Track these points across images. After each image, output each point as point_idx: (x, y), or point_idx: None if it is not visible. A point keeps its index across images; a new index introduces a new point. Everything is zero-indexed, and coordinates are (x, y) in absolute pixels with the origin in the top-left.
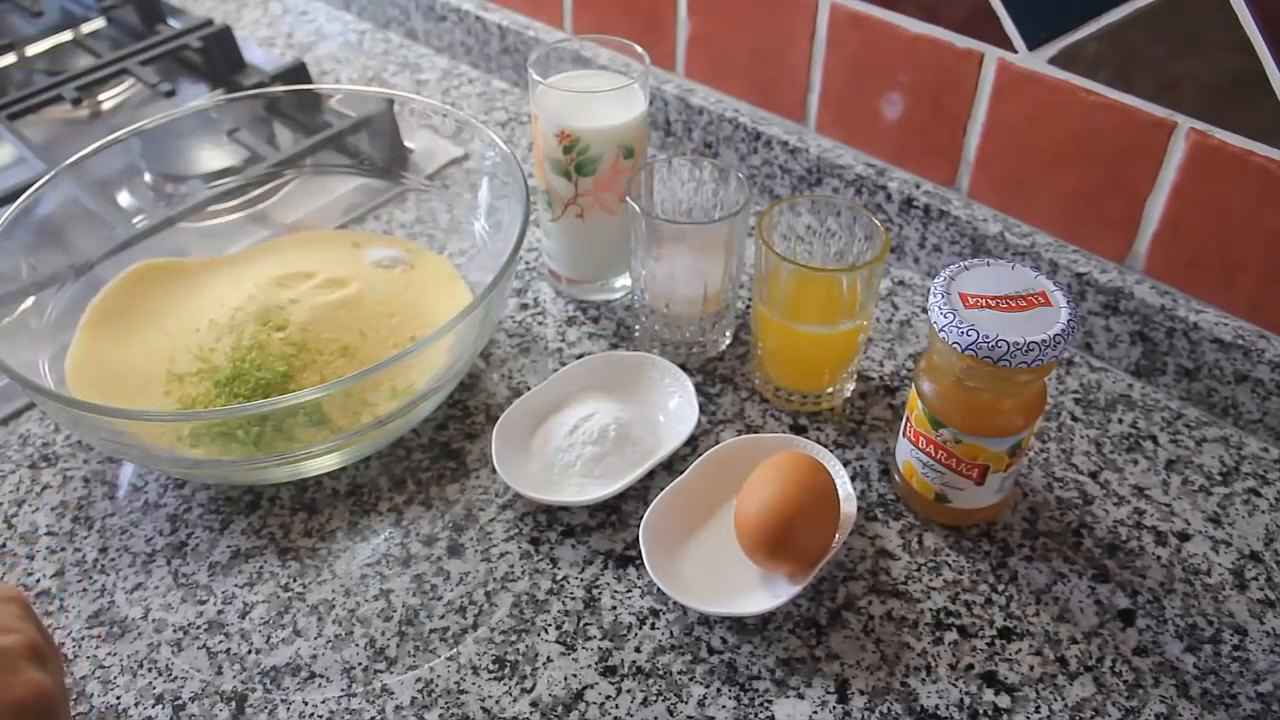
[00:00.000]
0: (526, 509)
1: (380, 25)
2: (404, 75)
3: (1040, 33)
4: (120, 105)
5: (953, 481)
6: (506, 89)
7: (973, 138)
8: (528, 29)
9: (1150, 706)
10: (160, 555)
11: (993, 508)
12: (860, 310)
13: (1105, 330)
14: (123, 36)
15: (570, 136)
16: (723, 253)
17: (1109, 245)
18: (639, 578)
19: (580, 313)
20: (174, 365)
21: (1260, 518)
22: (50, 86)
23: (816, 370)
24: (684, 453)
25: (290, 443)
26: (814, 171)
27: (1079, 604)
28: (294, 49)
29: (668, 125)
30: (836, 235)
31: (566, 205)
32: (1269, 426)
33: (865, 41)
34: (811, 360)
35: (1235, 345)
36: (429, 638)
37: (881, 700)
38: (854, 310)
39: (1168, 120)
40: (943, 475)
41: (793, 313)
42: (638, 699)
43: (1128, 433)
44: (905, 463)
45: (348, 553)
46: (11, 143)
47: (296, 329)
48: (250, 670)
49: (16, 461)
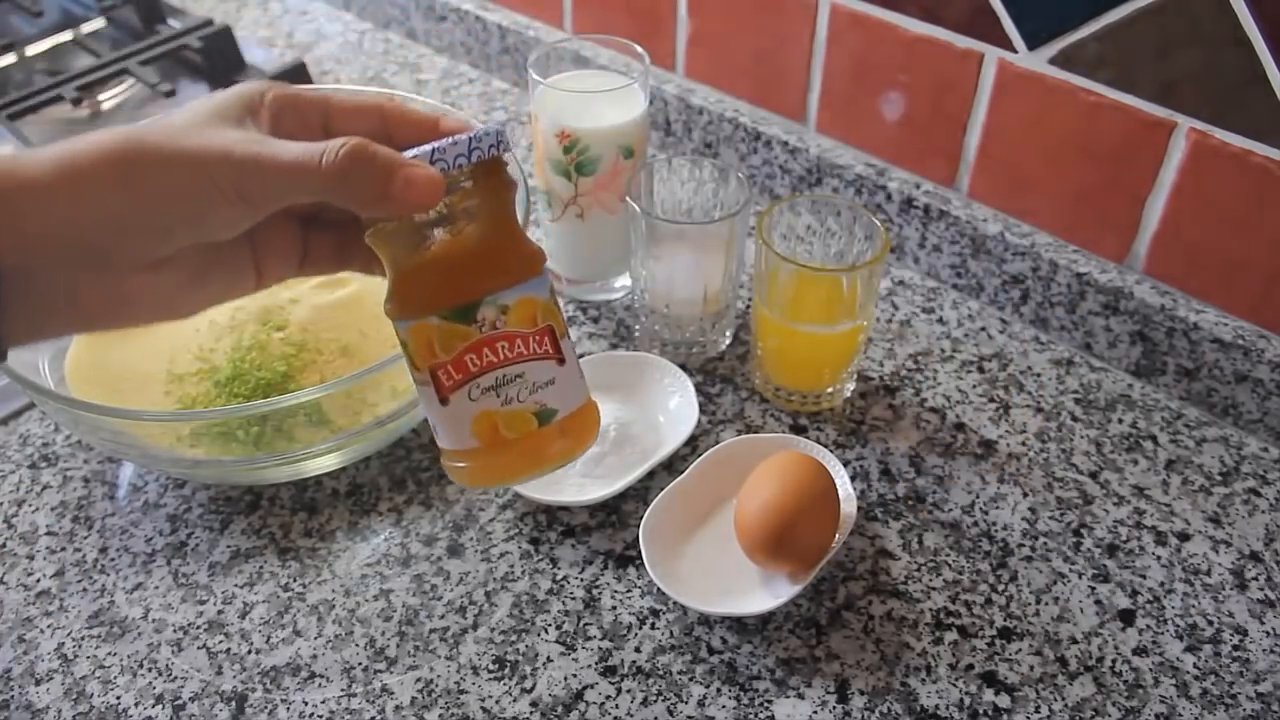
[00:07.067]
0: (526, 509)
1: (380, 25)
2: (404, 75)
3: (1040, 33)
4: (120, 105)
5: (533, 376)
6: (506, 89)
7: (973, 138)
8: (528, 29)
9: (1150, 706)
10: (160, 555)
11: (592, 412)
12: (860, 310)
13: (1105, 330)
14: (123, 36)
15: (570, 136)
16: (723, 253)
17: (1109, 245)
18: (639, 578)
19: (580, 313)
20: (174, 365)
21: (1260, 518)
22: (50, 86)
23: (816, 370)
24: (684, 453)
25: (290, 443)
26: (814, 171)
27: (1079, 604)
28: (294, 49)
29: (668, 125)
30: (836, 235)
31: (566, 205)
32: (1269, 426)
33: (865, 41)
34: (811, 360)
35: (1235, 345)
36: (429, 638)
37: (881, 700)
38: (854, 310)
39: (1168, 120)
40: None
41: (793, 313)
42: (638, 699)
43: (1128, 433)
44: (474, 423)
45: (348, 553)
46: (12, 143)
47: (296, 329)
48: (250, 670)
49: (16, 461)
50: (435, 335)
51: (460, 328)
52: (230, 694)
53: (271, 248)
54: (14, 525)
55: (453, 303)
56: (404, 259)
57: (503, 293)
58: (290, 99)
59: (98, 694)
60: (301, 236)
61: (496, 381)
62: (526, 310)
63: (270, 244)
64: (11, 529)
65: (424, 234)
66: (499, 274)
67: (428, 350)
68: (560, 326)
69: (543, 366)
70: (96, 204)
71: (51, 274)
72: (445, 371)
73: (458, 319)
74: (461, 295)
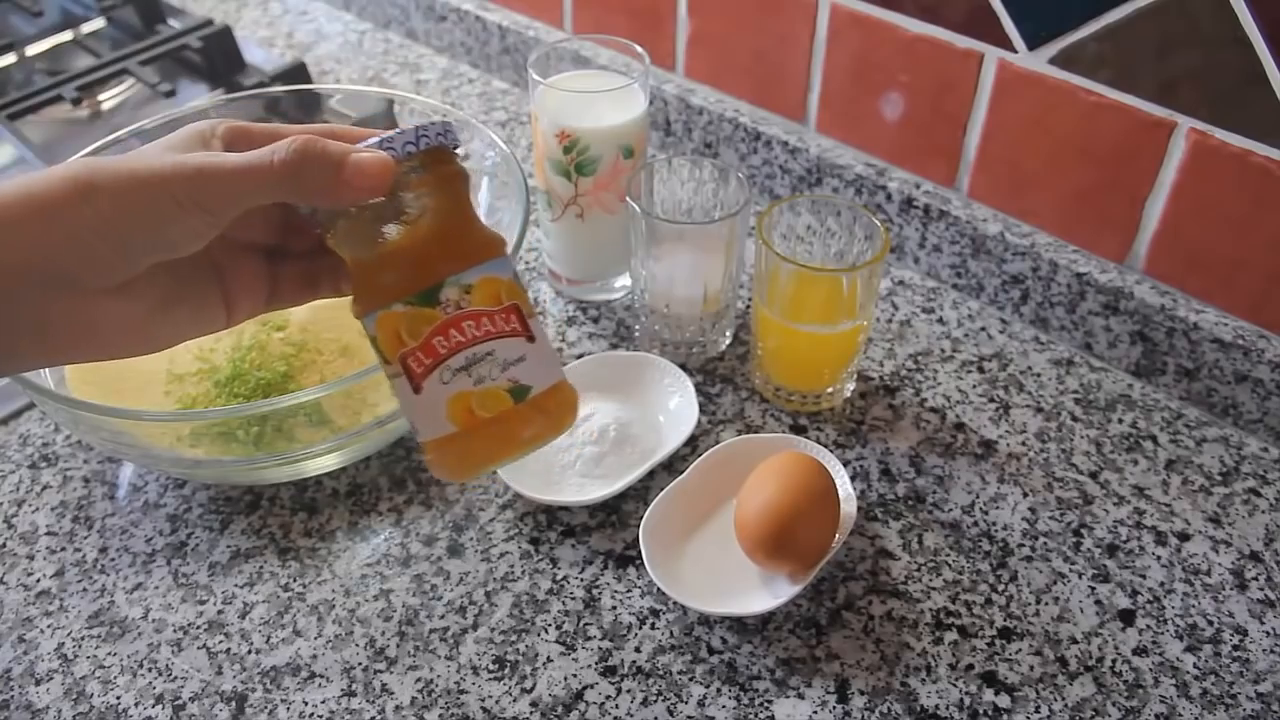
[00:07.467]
0: (526, 509)
1: (380, 25)
2: (404, 75)
3: (1040, 33)
4: (120, 105)
5: (504, 353)
6: (506, 89)
7: (973, 138)
8: (528, 29)
9: (1150, 706)
10: (160, 555)
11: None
12: (860, 310)
13: (1105, 330)
14: (123, 36)
15: (570, 136)
16: (723, 253)
17: (1109, 245)
18: (639, 578)
19: (580, 313)
20: (174, 365)
21: (1260, 518)
22: (50, 86)
23: (816, 370)
24: (684, 453)
25: (290, 443)
26: (814, 171)
27: (1079, 604)
28: (294, 49)
29: (668, 125)
30: (836, 235)
31: (566, 205)
32: (1269, 426)
33: (865, 41)
34: (811, 360)
35: (1235, 345)
36: (429, 638)
37: (881, 700)
38: (854, 310)
39: (1168, 120)
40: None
41: (793, 313)
42: (638, 699)
43: (1128, 433)
44: (449, 406)
45: (348, 553)
46: (11, 143)
47: (296, 329)
48: (250, 670)
49: (16, 461)
50: (402, 323)
51: (425, 311)
52: (230, 694)
53: (239, 282)
54: (14, 525)
55: (415, 288)
56: (364, 256)
57: (464, 273)
58: (241, 131)
59: (98, 694)
60: (268, 270)
61: (467, 361)
62: (490, 289)
63: (237, 278)
64: (11, 529)
65: (381, 230)
66: (459, 257)
67: (396, 339)
68: (526, 306)
69: (512, 343)
70: (58, 225)
71: (17, 303)
72: (415, 358)
73: (422, 303)
74: (423, 280)
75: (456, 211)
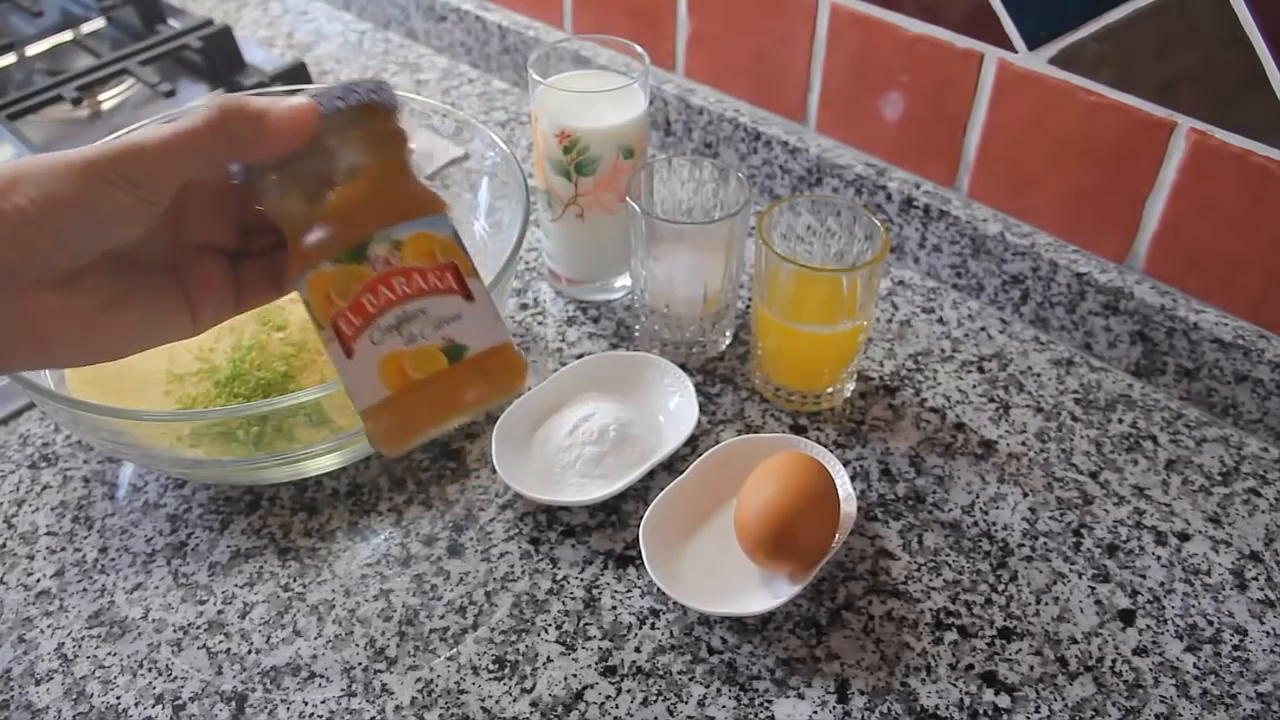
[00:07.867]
0: (526, 509)
1: (380, 25)
2: (404, 75)
3: (1040, 33)
4: (120, 105)
5: (437, 311)
6: (506, 89)
7: (973, 138)
8: (528, 29)
9: (1150, 706)
10: (160, 555)
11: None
12: (860, 310)
13: (1105, 330)
14: (123, 36)
15: (570, 136)
16: (723, 253)
17: (1109, 245)
18: (639, 578)
19: (580, 313)
20: (174, 365)
21: (1260, 518)
22: (50, 86)
23: (816, 370)
24: (684, 453)
25: (290, 443)
26: (814, 171)
27: (1079, 604)
28: (294, 49)
29: (668, 125)
30: (836, 235)
31: (566, 205)
32: (1269, 426)
33: (865, 41)
34: (811, 360)
35: (1235, 345)
36: (429, 638)
37: (881, 700)
38: (854, 310)
39: (1168, 120)
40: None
41: (793, 313)
42: (638, 699)
43: (1128, 433)
44: (380, 368)
45: (348, 553)
46: (11, 143)
47: (296, 328)
48: (250, 670)
49: (16, 461)
50: (331, 283)
51: (354, 268)
52: (230, 694)
53: (201, 284)
54: (14, 525)
55: (343, 245)
56: (295, 218)
57: (394, 228)
58: None
59: (98, 694)
60: (231, 273)
61: (397, 320)
62: (423, 245)
63: (199, 280)
64: (11, 529)
65: (312, 190)
66: (389, 211)
67: (326, 301)
68: (465, 265)
69: (446, 301)
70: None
71: None
72: (345, 319)
73: (350, 259)
74: (352, 237)
75: (388, 170)
